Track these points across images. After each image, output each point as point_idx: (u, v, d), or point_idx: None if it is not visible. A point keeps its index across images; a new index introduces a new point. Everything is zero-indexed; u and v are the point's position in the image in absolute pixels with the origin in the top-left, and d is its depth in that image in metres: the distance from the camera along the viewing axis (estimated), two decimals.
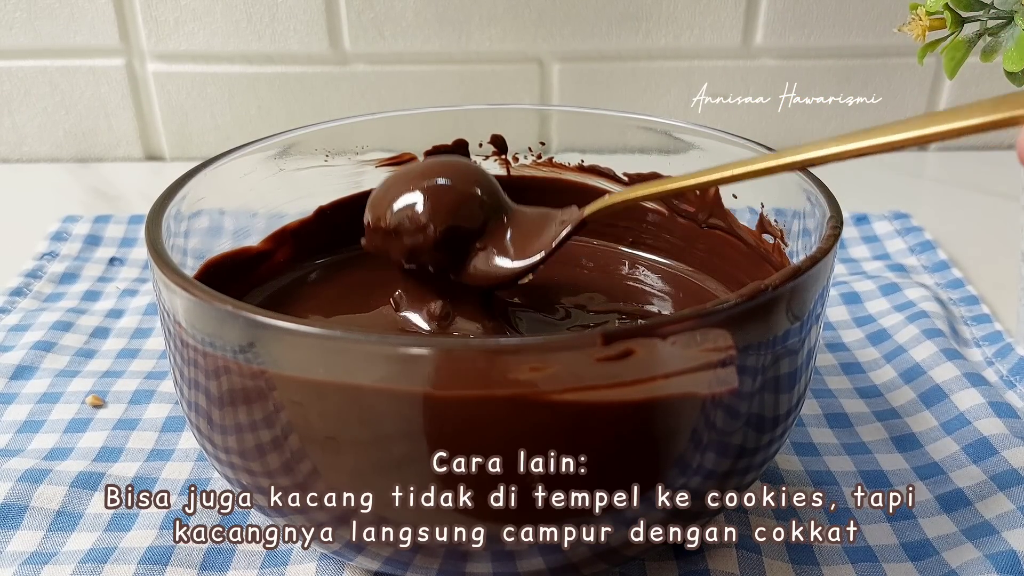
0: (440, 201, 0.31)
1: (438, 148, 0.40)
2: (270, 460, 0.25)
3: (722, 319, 0.23)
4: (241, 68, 0.65)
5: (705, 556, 0.29)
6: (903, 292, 0.44)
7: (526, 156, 0.41)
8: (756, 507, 0.32)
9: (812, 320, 0.26)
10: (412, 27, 0.63)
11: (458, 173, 0.32)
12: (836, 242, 0.26)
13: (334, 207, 0.39)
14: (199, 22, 0.63)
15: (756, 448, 0.26)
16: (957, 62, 0.35)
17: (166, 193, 0.30)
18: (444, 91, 0.65)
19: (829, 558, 0.30)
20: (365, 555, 0.26)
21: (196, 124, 0.67)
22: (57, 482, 0.33)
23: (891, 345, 0.41)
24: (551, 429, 0.23)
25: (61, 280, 0.49)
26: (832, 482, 0.33)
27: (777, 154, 0.25)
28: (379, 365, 0.22)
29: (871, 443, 0.35)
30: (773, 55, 0.64)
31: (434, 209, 0.31)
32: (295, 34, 0.63)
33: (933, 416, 0.36)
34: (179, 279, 0.24)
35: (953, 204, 0.58)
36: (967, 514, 0.31)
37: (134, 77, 0.65)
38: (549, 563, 0.25)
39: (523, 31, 0.63)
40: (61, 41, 0.64)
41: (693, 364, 0.23)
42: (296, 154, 0.37)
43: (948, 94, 0.65)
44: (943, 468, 0.33)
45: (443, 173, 0.32)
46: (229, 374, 0.24)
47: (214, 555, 0.30)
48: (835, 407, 0.37)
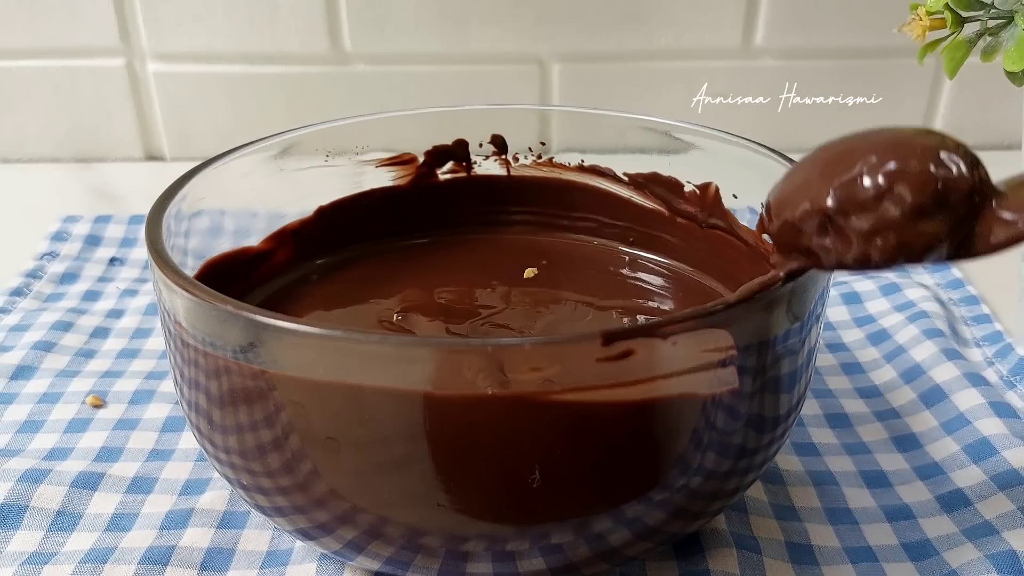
0: (910, 151, 0.22)
1: (439, 148, 0.40)
2: (270, 460, 0.25)
3: (722, 319, 0.23)
4: (241, 68, 0.65)
5: (705, 556, 0.29)
6: (903, 292, 0.44)
7: (526, 156, 0.41)
8: (756, 507, 0.32)
9: (812, 320, 0.26)
10: (413, 27, 0.63)
11: (898, 133, 0.23)
12: None
13: (335, 207, 0.39)
14: (200, 23, 0.63)
15: (756, 448, 0.26)
16: (957, 62, 0.35)
17: (166, 193, 0.30)
18: (444, 91, 0.65)
19: (829, 558, 0.30)
20: (365, 555, 0.26)
21: (196, 124, 0.67)
22: (57, 482, 0.33)
23: (891, 345, 0.41)
24: (551, 429, 0.23)
25: (61, 280, 0.49)
26: (832, 482, 0.33)
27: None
28: (380, 365, 0.22)
29: (871, 443, 0.35)
30: (774, 55, 0.64)
31: (905, 165, 0.21)
32: (296, 34, 0.63)
33: (933, 416, 0.36)
34: (179, 279, 0.24)
35: None
36: (967, 514, 0.31)
37: (135, 77, 0.65)
38: (549, 563, 0.25)
39: (523, 31, 0.63)
40: (62, 41, 0.64)
41: (693, 364, 0.23)
42: (296, 154, 0.36)
43: (948, 94, 0.65)
44: (943, 468, 0.33)
45: (879, 133, 0.23)
46: (229, 374, 0.24)
47: (214, 555, 0.30)
48: (835, 407, 0.37)
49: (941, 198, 0.21)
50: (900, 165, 0.21)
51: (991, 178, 0.22)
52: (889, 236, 0.22)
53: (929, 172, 0.21)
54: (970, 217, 0.22)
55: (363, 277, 0.37)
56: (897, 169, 0.21)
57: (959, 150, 0.22)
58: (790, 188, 0.23)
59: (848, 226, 0.22)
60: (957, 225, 0.22)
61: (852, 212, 0.22)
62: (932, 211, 0.21)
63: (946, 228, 0.22)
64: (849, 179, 0.22)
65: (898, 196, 0.21)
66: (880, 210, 0.22)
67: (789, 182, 0.24)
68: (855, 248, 0.22)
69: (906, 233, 0.22)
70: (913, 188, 0.21)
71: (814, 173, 0.23)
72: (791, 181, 0.24)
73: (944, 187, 0.21)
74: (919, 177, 0.21)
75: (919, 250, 0.22)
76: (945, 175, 0.21)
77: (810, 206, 0.22)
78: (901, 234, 0.22)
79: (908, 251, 0.22)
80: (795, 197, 0.23)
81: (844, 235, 0.22)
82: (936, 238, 0.22)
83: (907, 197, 0.21)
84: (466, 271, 0.37)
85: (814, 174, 0.23)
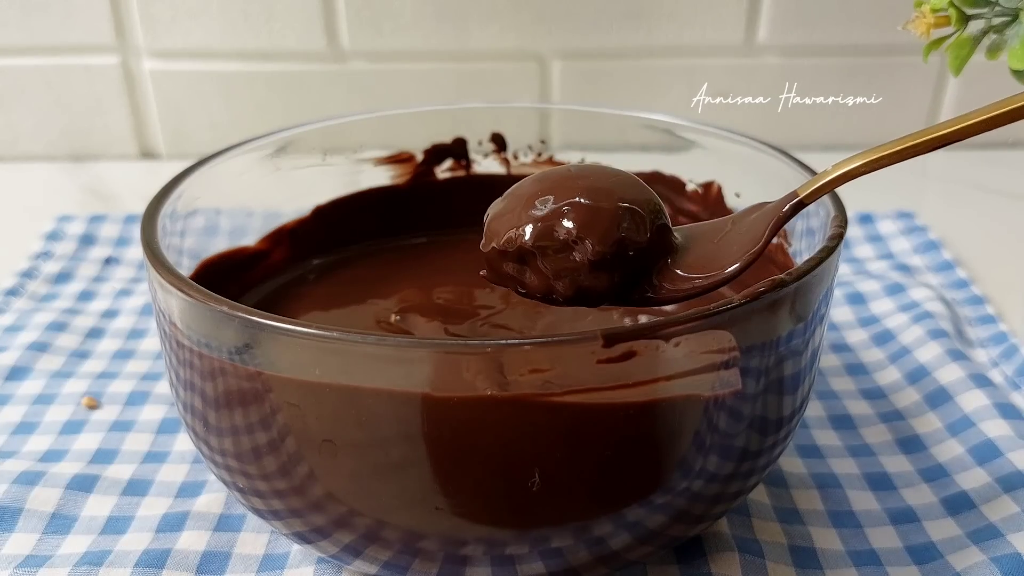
0: (601, 209, 0.24)
1: (437, 147, 0.40)
2: (267, 463, 0.25)
3: (726, 320, 0.22)
4: (238, 66, 0.65)
5: (707, 560, 0.29)
6: (908, 292, 0.44)
7: (526, 154, 0.40)
8: (759, 510, 0.31)
9: (816, 321, 0.26)
10: (411, 24, 0.63)
11: (606, 178, 0.26)
12: (840, 242, 0.26)
13: (332, 206, 0.39)
14: (195, 20, 0.63)
15: (759, 450, 0.26)
16: (962, 60, 0.35)
17: (161, 192, 0.30)
18: (443, 89, 0.65)
19: (833, 562, 0.29)
20: (363, 559, 0.26)
21: (192, 122, 0.67)
22: (52, 484, 0.32)
23: (896, 346, 0.41)
24: (551, 431, 0.22)
25: (56, 280, 0.49)
26: (836, 485, 0.33)
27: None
28: (378, 366, 0.22)
29: (875, 445, 0.35)
30: (776, 53, 0.64)
31: (595, 219, 0.24)
32: (292, 31, 0.63)
33: (938, 418, 0.36)
34: (175, 279, 0.24)
35: (958, 203, 0.58)
36: (972, 517, 0.31)
37: (129, 75, 0.65)
38: (550, 567, 0.25)
39: (523, 28, 0.63)
40: (56, 39, 0.64)
41: (696, 366, 0.23)
42: (293, 152, 0.36)
43: (952, 93, 0.65)
44: (948, 470, 0.33)
45: (588, 177, 0.26)
46: (225, 375, 0.24)
47: (210, 558, 0.30)
48: (839, 409, 0.37)
49: (621, 251, 0.24)
50: (590, 217, 0.24)
51: (673, 236, 0.25)
52: (572, 279, 0.25)
53: (613, 227, 0.24)
54: (646, 270, 0.25)
55: (360, 277, 0.37)
56: (587, 221, 0.24)
57: (645, 209, 0.25)
58: (502, 215, 0.26)
59: (541, 263, 0.25)
60: (633, 275, 0.25)
61: (545, 252, 0.25)
62: (610, 262, 0.24)
63: (619, 277, 0.24)
64: (547, 223, 0.25)
65: (584, 246, 0.24)
66: (567, 255, 0.24)
67: (503, 206, 0.26)
68: (542, 283, 0.25)
69: (587, 278, 0.24)
70: (597, 240, 0.24)
71: (522, 208, 0.25)
72: (505, 206, 0.26)
73: (623, 241, 0.24)
74: (604, 231, 0.24)
75: (595, 295, 0.25)
76: (626, 231, 0.24)
77: (513, 238, 0.25)
78: (584, 278, 0.24)
79: (587, 293, 0.25)
80: (502, 227, 0.25)
81: (537, 270, 0.25)
82: (611, 286, 0.25)
83: (590, 247, 0.24)
84: (465, 271, 0.37)
85: (521, 209, 0.25)
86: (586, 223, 0.24)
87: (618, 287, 0.25)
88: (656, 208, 0.25)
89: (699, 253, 0.25)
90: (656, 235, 0.25)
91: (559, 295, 0.25)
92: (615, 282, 0.25)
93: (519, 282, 0.26)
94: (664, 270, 0.25)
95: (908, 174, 0.61)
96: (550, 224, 0.24)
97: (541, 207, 0.25)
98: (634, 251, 0.24)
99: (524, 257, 0.25)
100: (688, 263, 0.25)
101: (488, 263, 0.26)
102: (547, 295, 0.25)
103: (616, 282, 0.25)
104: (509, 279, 0.26)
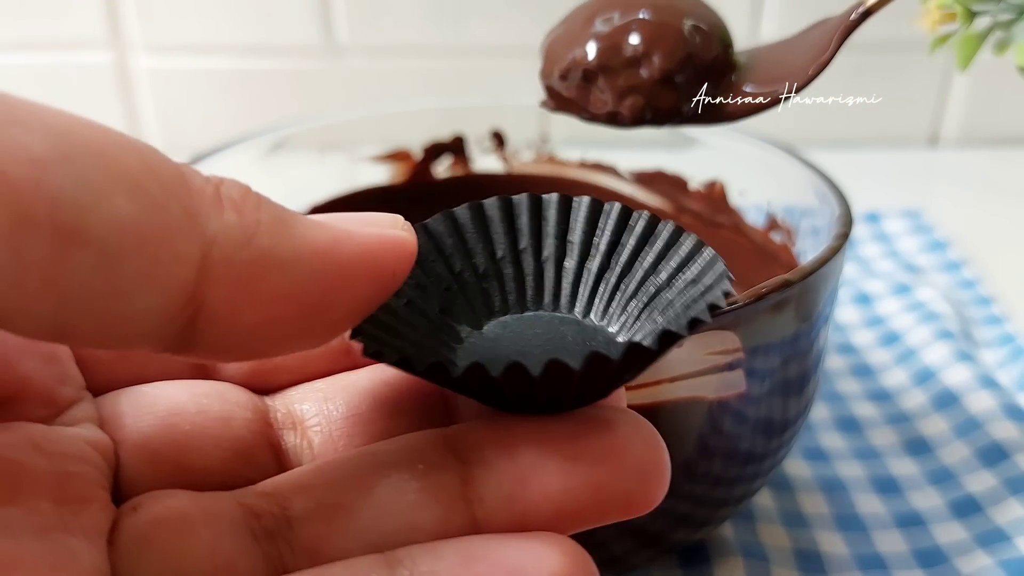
0: (667, 24, 0.24)
1: (435, 144, 0.39)
2: None
3: (729, 320, 0.22)
4: (234, 62, 0.64)
5: (711, 564, 0.28)
6: (914, 293, 0.44)
7: (527, 152, 0.40)
8: (764, 514, 0.31)
9: (821, 321, 0.26)
10: (409, 19, 0.62)
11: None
12: (846, 241, 0.26)
13: (329, 205, 0.38)
14: (190, 16, 0.62)
15: (764, 453, 0.26)
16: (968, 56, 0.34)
17: None
18: (442, 85, 0.64)
19: (838, 566, 0.29)
20: None
21: (187, 119, 0.66)
22: None
23: (902, 347, 0.40)
24: None
25: None
26: (842, 488, 0.32)
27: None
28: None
29: (881, 448, 0.34)
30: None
31: (662, 35, 0.24)
32: (289, 26, 0.63)
33: (945, 420, 0.35)
34: None
35: (966, 202, 0.57)
36: (979, 519, 0.30)
37: (124, 71, 0.65)
38: None
39: (524, 23, 0.63)
40: (48, 35, 0.63)
41: (699, 367, 0.22)
42: (289, 150, 0.36)
43: (959, 89, 0.64)
44: (954, 473, 0.33)
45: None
46: None
47: None
48: (845, 411, 0.37)
49: (686, 67, 0.24)
50: (655, 32, 0.24)
51: (736, 55, 0.25)
52: (638, 97, 0.24)
53: (680, 42, 0.24)
54: (713, 87, 0.25)
55: None
56: (654, 36, 0.24)
57: (710, 24, 0.25)
58: (562, 38, 0.25)
59: (605, 83, 0.24)
60: (699, 91, 0.25)
61: (610, 71, 0.24)
62: (677, 78, 0.24)
63: (687, 94, 0.24)
64: (611, 40, 0.24)
65: (650, 62, 0.24)
66: (633, 72, 0.24)
67: (563, 30, 0.26)
68: (609, 104, 0.25)
69: (654, 96, 0.24)
70: (663, 55, 0.24)
71: (583, 28, 0.25)
72: (564, 29, 0.26)
73: (689, 57, 0.24)
74: (672, 46, 0.24)
75: (664, 112, 0.25)
76: (692, 47, 0.24)
77: (577, 58, 0.25)
78: (649, 96, 0.24)
79: (654, 111, 0.25)
80: (563, 50, 0.25)
81: (603, 90, 0.25)
82: (679, 103, 0.25)
83: (657, 63, 0.24)
84: None
85: (582, 29, 0.25)
86: (653, 38, 0.24)
87: (685, 104, 0.25)
88: (720, 24, 0.25)
89: (765, 68, 0.25)
90: (722, 51, 0.25)
91: (624, 117, 0.25)
92: (682, 100, 0.24)
93: (582, 108, 0.25)
94: (731, 86, 0.25)
95: (915, 172, 0.60)
96: (615, 41, 0.24)
97: (604, 26, 0.24)
98: (700, 67, 0.24)
99: (589, 78, 0.24)
100: (755, 79, 0.25)
101: (548, 90, 0.26)
102: (612, 118, 0.25)
103: (683, 99, 0.24)
104: (571, 104, 0.26)
